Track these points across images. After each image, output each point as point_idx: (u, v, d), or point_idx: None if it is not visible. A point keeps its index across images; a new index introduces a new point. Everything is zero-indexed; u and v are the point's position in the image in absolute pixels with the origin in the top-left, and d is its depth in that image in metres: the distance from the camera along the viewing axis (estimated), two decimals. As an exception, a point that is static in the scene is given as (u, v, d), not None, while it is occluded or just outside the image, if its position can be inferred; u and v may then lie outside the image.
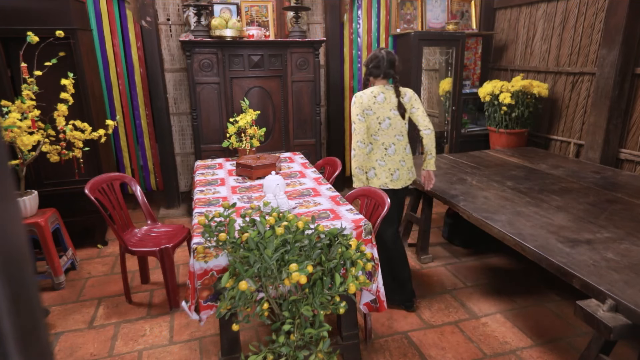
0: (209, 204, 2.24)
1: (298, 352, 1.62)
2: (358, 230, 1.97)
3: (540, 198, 2.61)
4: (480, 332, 2.39)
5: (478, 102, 4.72)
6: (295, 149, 3.97)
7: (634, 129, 3.50)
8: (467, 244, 3.40)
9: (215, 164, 3.08)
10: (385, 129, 2.48)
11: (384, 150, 2.50)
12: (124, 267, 2.64)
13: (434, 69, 4.91)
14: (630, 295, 1.59)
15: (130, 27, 3.91)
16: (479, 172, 3.21)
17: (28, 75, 2.68)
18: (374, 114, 2.46)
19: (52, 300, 2.73)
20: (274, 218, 1.73)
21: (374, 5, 4.50)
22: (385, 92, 2.51)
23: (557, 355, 2.20)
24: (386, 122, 2.48)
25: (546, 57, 4.32)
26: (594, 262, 1.84)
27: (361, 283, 1.72)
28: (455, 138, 4.68)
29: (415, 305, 2.61)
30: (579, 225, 2.22)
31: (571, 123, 4.10)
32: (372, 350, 2.25)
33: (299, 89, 3.96)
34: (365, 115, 2.44)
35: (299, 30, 3.92)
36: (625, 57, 3.42)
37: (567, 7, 4.05)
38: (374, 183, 2.51)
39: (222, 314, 1.62)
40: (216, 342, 2.31)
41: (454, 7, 4.76)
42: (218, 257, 1.75)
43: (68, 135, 2.84)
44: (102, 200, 2.54)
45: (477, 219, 2.39)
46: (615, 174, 3.10)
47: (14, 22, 2.89)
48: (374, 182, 2.51)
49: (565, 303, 2.65)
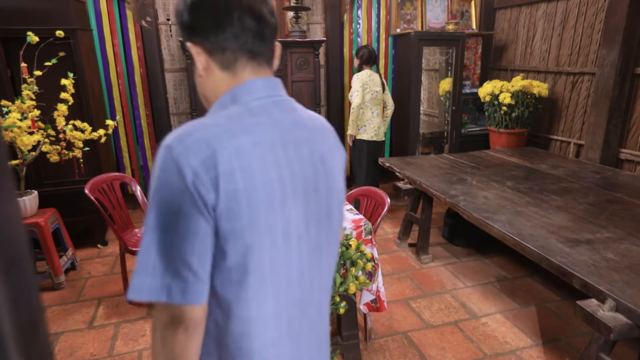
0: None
1: (298, 352, 1.62)
2: (358, 230, 1.97)
3: (540, 198, 2.61)
4: (480, 332, 2.39)
5: (478, 102, 4.72)
6: (295, 149, 3.97)
7: (634, 129, 3.50)
8: (467, 244, 3.40)
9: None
10: (372, 99, 3.68)
11: (371, 113, 3.70)
12: (124, 267, 2.64)
13: (434, 69, 4.91)
14: (630, 295, 1.59)
15: (130, 27, 3.91)
16: (479, 172, 3.21)
17: (28, 75, 2.68)
18: (368, 88, 3.63)
19: (52, 300, 2.73)
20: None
21: (374, 5, 4.50)
22: (373, 75, 3.68)
23: (557, 355, 2.20)
24: (374, 94, 3.68)
25: (546, 57, 4.32)
26: (594, 262, 1.84)
27: (361, 283, 1.72)
28: (455, 138, 4.68)
29: None
30: (579, 225, 2.22)
31: (571, 123, 4.10)
32: (372, 350, 2.25)
33: (299, 89, 3.96)
34: (363, 87, 3.58)
35: (299, 30, 3.92)
36: (625, 57, 3.42)
37: (567, 7, 4.05)
38: (364, 136, 3.70)
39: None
40: (216, 342, 2.31)
41: (454, 7, 4.76)
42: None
43: (68, 135, 2.84)
44: (102, 200, 2.54)
45: (477, 219, 2.39)
46: (615, 174, 3.10)
47: (14, 22, 2.88)
48: (364, 135, 3.70)
49: (565, 303, 2.65)
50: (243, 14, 0.77)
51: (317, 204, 0.81)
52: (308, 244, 0.81)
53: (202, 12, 0.77)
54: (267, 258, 0.74)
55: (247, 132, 0.73)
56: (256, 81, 0.80)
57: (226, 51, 0.79)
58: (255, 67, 0.81)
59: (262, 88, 0.80)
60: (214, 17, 0.76)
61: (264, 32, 0.79)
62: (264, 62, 0.82)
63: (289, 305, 0.80)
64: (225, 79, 0.81)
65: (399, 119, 4.64)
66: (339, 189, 0.87)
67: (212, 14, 0.76)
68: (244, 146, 0.71)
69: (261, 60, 0.82)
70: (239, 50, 0.79)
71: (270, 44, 0.83)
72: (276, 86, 0.83)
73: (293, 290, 0.80)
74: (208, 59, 0.80)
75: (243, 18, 0.77)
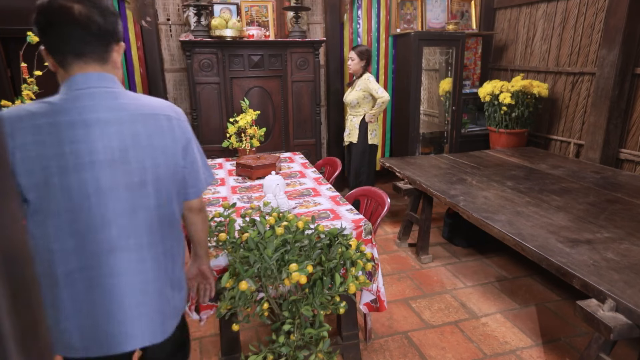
0: (209, 204, 2.24)
1: (298, 352, 1.62)
2: (358, 230, 1.97)
3: (540, 198, 2.61)
4: (480, 332, 2.39)
5: (478, 102, 4.72)
6: (295, 149, 3.97)
7: (634, 129, 3.50)
8: (467, 244, 3.41)
9: (215, 163, 3.08)
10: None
11: (376, 119, 3.64)
12: (124, 267, 2.63)
13: (434, 69, 4.91)
14: (630, 295, 1.59)
15: (130, 27, 3.91)
16: (479, 172, 3.21)
17: (28, 75, 2.68)
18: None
19: (52, 300, 2.73)
20: (274, 218, 1.73)
21: (374, 5, 4.50)
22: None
23: (557, 355, 2.20)
24: None
25: (546, 57, 4.32)
26: (594, 262, 1.84)
27: (361, 283, 1.72)
28: (455, 138, 4.68)
29: None
30: (579, 225, 2.22)
31: (571, 123, 4.10)
32: (372, 350, 2.25)
33: (299, 89, 3.96)
34: None
35: (299, 30, 3.92)
36: (625, 57, 3.42)
37: (567, 7, 4.05)
38: (374, 140, 3.63)
39: (222, 314, 1.62)
40: (216, 342, 2.31)
41: (454, 7, 4.76)
42: (218, 257, 1.75)
43: (68, 135, 2.84)
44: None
45: (477, 219, 2.39)
46: (615, 174, 3.10)
47: (14, 22, 2.88)
48: (374, 140, 3.63)
49: (565, 303, 2.65)
50: (63, 23, 1.01)
51: (125, 171, 1.07)
52: (116, 202, 1.08)
53: (35, 23, 1.02)
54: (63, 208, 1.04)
55: (50, 114, 1.01)
56: (79, 76, 1.05)
57: (58, 53, 1.04)
58: (81, 65, 1.05)
59: (82, 81, 1.05)
60: (40, 26, 1.02)
61: (85, 37, 1.03)
62: (90, 60, 1.06)
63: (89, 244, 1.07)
64: (61, 74, 1.08)
65: (399, 119, 4.64)
66: (157, 162, 1.13)
67: (40, 25, 1.02)
68: (42, 125, 1.00)
69: (87, 59, 1.06)
70: (67, 52, 1.04)
71: (98, 45, 1.06)
72: (100, 79, 1.07)
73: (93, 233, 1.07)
74: (50, 58, 1.06)
75: (63, 27, 1.01)
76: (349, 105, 3.63)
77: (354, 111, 3.60)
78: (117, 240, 1.09)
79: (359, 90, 3.50)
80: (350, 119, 3.64)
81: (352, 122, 3.61)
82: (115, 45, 1.11)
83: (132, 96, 1.13)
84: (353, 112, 3.61)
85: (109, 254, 1.08)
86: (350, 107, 3.62)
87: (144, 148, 1.10)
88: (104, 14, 1.04)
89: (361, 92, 3.49)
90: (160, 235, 1.17)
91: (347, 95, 3.63)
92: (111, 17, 1.06)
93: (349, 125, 3.66)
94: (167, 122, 1.17)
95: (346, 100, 3.65)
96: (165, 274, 1.20)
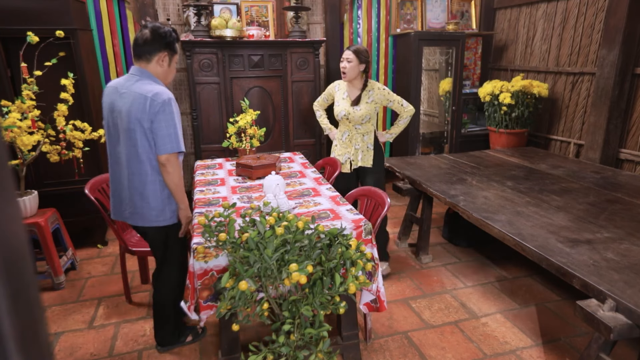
0: (209, 204, 2.25)
1: (298, 352, 1.62)
2: (358, 230, 1.97)
3: (540, 198, 2.61)
4: (480, 332, 2.39)
5: (478, 102, 4.72)
6: (295, 149, 3.97)
7: (634, 129, 3.50)
8: (467, 244, 3.41)
9: (215, 164, 3.08)
10: None
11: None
12: (124, 267, 2.64)
13: (434, 69, 4.91)
14: (630, 295, 1.59)
15: (130, 27, 3.92)
16: (479, 172, 3.21)
17: (28, 75, 2.68)
18: None
19: (52, 300, 2.73)
20: (274, 218, 1.73)
21: (374, 5, 4.50)
22: None
23: (557, 355, 2.20)
24: None
25: (546, 57, 4.32)
26: (594, 262, 1.84)
27: (361, 283, 1.72)
28: (455, 138, 4.68)
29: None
30: (579, 225, 2.22)
31: (571, 123, 4.10)
32: (372, 350, 2.25)
33: (299, 89, 3.97)
34: None
35: (299, 30, 3.92)
36: (625, 57, 3.42)
37: (567, 7, 4.05)
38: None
39: (222, 314, 1.62)
40: (216, 342, 2.31)
41: (454, 7, 4.76)
42: (218, 257, 1.75)
43: (68, 135, 2.84)
44: (102, 200, 2.54)
45: (477, 219, 2.39)
46: (615, 174, 3.10)
47: (14, 22, 2.88)
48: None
49: (565, 303, 2.65)
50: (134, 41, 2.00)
51: (123, 122, 1.94)
52: (118, 146, 2.01)
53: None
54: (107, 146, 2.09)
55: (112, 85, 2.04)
56: (133, 67, 2.01)
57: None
58: (136, 61, 2.01)
59: (132, 70, 2.01)
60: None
61: (135, 49, 1.98)
62: (139, 60, 1.99)
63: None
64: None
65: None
66: (131, 128, 1.92)
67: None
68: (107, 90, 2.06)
69: (138, 59, 2.00)
70: (133, 56, 2.03)
71: (143, 51, 1.97)
72: (137, 71, 1.99)
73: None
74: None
75: (134, 41, 2.00)
76: (356, 122, 2.89)
77: (363, 128, 2.91)
78: (122, 155, 2.01)
79: (370, 102, 2.86)
80: (359, 138, 2.93)
81: (364, 141, 2.93)
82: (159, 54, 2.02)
83: (139, 83, 1.95)
84: (362, 129, 2.91)
85: (120, 161, 2.04)
86: (355, 123, 2.90)
87: (130, 112, 1.91)
88: (145, 35, 1.96)
89: (373, 105, 2.87)
90: (136, 161, 1.98)
91: (351, 109, 2.87)
92: (147, 35, 1.97)
93: (360, 145, 2.94)
94: (144, 100, 1.90)
95: (352, 116, 2.86)
96: (137, 184, 2.01)
